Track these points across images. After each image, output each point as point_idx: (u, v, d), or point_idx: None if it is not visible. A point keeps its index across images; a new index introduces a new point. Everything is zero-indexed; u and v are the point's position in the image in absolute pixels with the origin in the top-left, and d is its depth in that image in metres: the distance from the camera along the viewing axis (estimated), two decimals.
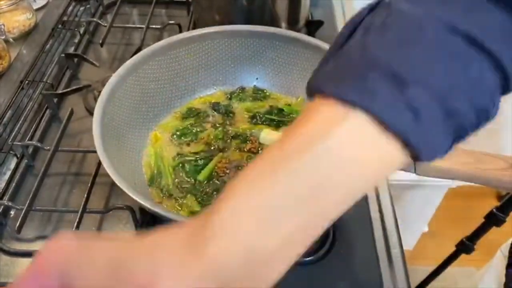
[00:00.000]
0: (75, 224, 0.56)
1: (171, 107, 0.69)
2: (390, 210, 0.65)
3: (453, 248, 1.14)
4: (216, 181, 0.61)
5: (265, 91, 0.73)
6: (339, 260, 0.58)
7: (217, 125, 0.68)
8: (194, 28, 0.87)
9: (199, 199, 0.59)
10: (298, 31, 0.83)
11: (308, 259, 0.57)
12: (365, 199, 0.65)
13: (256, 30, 0.70)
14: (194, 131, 0.67)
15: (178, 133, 0.67)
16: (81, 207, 0.58)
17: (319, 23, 0.87)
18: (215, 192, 0.60)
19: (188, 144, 0.66)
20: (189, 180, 0.61)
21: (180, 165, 0.62)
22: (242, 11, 0.79)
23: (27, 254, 0.57)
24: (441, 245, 1.26)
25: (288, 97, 0.72)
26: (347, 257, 0.58)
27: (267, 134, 0.66)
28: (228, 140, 0.66)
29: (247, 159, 0.64)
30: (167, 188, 0.60)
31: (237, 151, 0.65)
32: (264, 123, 0.69)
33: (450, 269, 1.23)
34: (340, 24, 0.97)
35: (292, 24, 0.81)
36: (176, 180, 0.61)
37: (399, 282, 0.57)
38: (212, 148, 0.65)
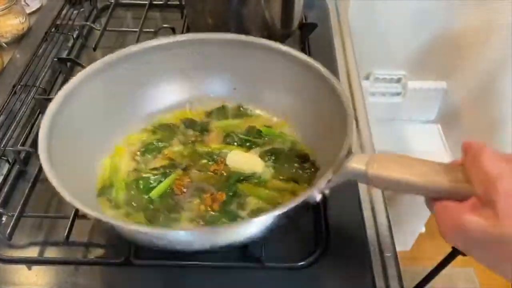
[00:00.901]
0: (67, 230, 0.56)
1: (141, 119, 0.67)
2: (383, 212, 0.65)
3: (451, 249, 1.13)
4: (170, 200, 0.58)
5: (248, 110, 0.70)
6: (332, 264, 0.57)
7: (188, 142, 0.65)
8: (188, 31, 0.87)
9: (149, 217, 0.56)
10: (291, 34, 0.83)
11: (300, 263, 0.57)
12: (358, 201, 0.64)
13: (237, 39, 0.66)
14: (160, 145, 0.65)
15: (143, 149, 0.64)
16: (73, 213, 0.57)
17: (313, 26, 0.87)
18: (166, 211, 0.57)
19: (151, 160, 0.63)
20: (141, 197, 0.58)
21: (135, 181, 0.60)
22: (235, 14, 0.79)
23: (19, 261, 0.57)
24: (439, 246, 1.26)
25: (273, 117, 0.69)
26: (340, 261, 0.58)
27: (234, 155, 0.62)
28: (196, 159, 0.63)
29: (209, 180, 0.60)
30: (116, 200, 0.58)
31: (201, 171, 0.61)
32: (236, 143, 0.65)
33: (448, 270, 1.23)
34: (334, 27, 0.97)
35: (285, 27, 0.80)
36: (128, 196, 0.59)
37: (392, 285, 0.57)
38: (174, 164, 0.62)
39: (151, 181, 0.60)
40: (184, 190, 0.59)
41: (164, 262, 0.57)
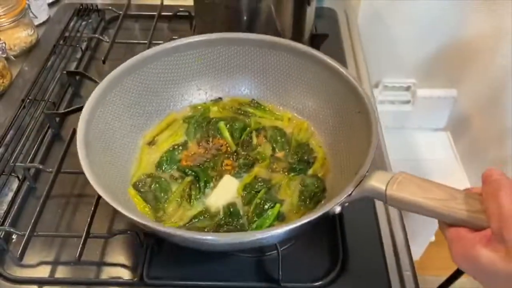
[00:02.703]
0: (79, 249, 0.55)
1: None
2: (400, 228, 0.64)
3: None
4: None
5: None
6: (349, 283, 0.56)
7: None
8: None
9: None
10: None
11: (318, 283, 0.55)
12: (375, 218, 0.63)
13: (266, 39, 0.70)
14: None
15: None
16: (85, 232, 0.56)
17: (324, 37, 0.86)
18: None
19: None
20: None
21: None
22: (245, 25, 0.78)
23: (30, 282, 0.56)
24: (448, 255, 1.25)
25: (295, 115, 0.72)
26: (358, 279, 0.57)
27: (227, 182, 0.62)
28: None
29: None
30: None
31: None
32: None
33: (458, 280, 1.21)
34: (344, 36, 0.96)
35: (297, 39, 0.79)
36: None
37: None
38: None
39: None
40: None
41: (178, 282, 0.56)
